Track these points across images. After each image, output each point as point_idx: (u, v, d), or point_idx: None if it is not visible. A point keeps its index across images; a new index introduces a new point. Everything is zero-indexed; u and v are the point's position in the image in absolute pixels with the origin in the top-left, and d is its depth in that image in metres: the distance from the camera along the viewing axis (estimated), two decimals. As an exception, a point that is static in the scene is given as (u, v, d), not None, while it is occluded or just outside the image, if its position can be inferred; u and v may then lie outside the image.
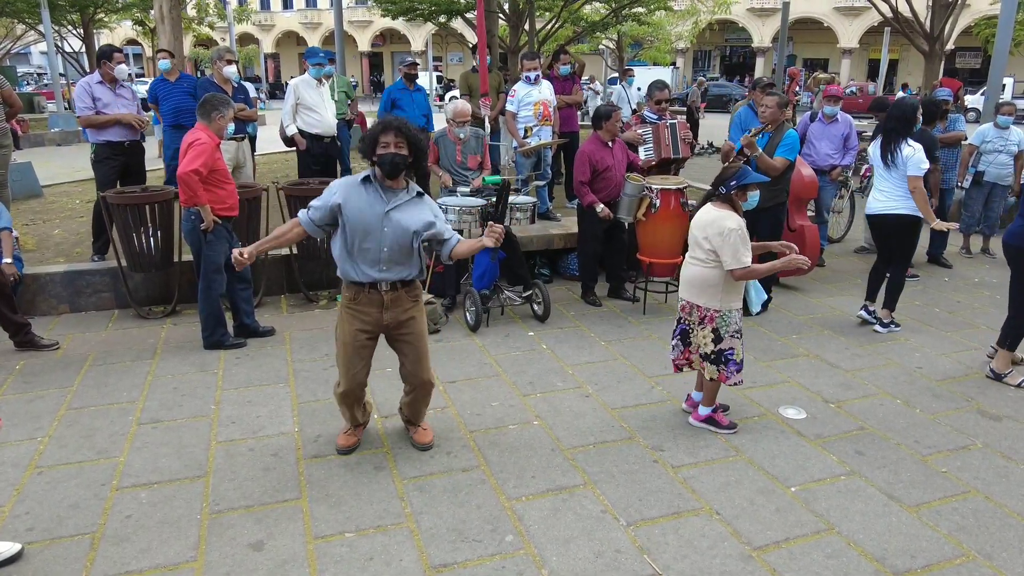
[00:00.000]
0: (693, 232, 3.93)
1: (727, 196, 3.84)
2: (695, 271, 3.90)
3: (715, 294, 3.84)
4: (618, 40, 25.70)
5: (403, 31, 47.41)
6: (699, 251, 3.86)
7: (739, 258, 3.71)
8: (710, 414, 4.07)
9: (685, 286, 3.98)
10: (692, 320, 3.96)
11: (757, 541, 3.14)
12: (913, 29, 15.68)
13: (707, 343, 3.90)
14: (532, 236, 6.74)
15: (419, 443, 3.82)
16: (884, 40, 24.08)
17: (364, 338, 3.58)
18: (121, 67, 6.21)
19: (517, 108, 7.16)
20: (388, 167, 3.33)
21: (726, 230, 3.72)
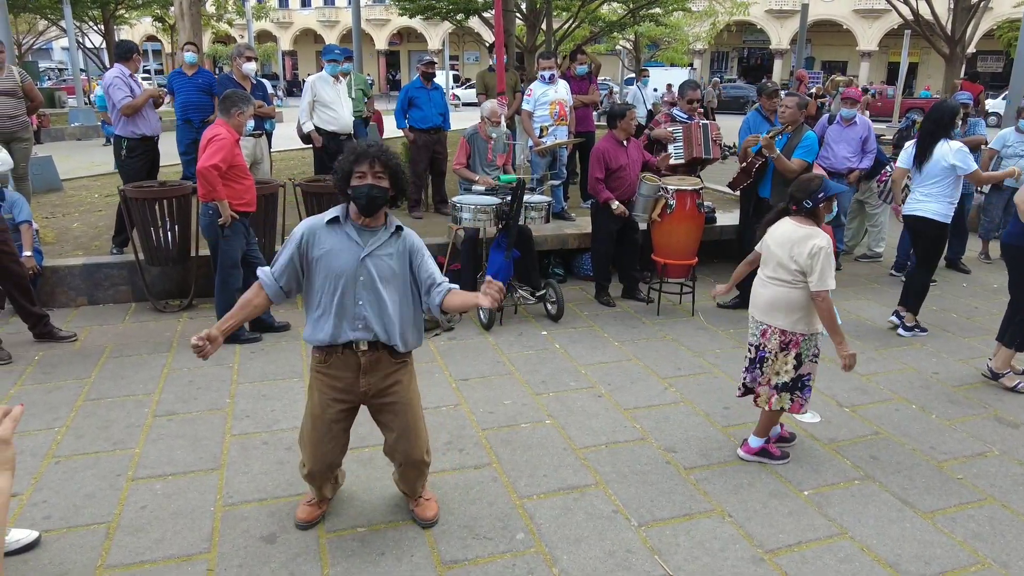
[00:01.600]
0: (774, 250, 3.60)
1: (812, 210, 3.54)
2: (779, 292, 3.56)
3: (803, 317, 3.54)
4: (635, 41, 25.63)
5: (420, 30, 47.53)
6: (783, 271, 3.53)
7: (826, 280, 3.43)
8: (763, 445, 3.78)
9: (766, 309, 3.61)
10: (771, 346, 3.63)
11: (769, 544, 3.13)
12: (934, 32, 15.57)
13: (787, 371, 3.61)
14: (546, 236, 6.74)
15: (421, 518, 3.21)
16: (904, 43, 23.86)
17: (337, 410, 2.98)
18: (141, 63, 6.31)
19: (533, 107, 7.16)
20: (365, 201, 2.76)
21: (816, 248, 3.43)
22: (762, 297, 3.66)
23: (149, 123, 6.34)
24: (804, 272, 3.47)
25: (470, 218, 5.47)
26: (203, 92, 7.00)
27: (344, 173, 2.79)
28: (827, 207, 3.59)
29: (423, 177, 7.87)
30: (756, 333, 3.71)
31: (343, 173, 2.79)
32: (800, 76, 12.78)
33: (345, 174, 2.78)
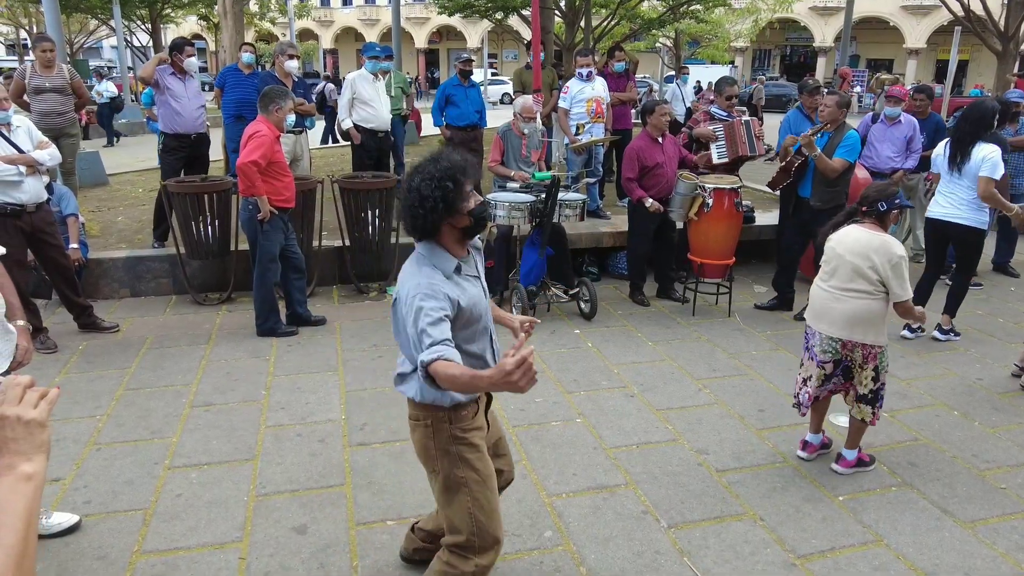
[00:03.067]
0: (848, 259, 3.41)
1: (884, 215, 3.43)
2: (859, 306, 3.39)
3: (881, 328, 3.44)
4: (675, 38, 25.35)
5: (459, 28, 47.66)
6: (863, 282, 3.38)
7: (907, 288, 3.32)
8: (859, 456, 3.67)
9: (846, 324, 3.43)
10: (855, 358, 3.52)
11: (801, 549, 3.07)
12: (986, 28, 15.12)
13: (867, 383, 3.50)
14: (581, 234, 6.71)
15: None
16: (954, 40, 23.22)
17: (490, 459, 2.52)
18: (191, 60, 6.40)
19: (570, 105, 7.13)
20: (482, 224, 2.36)
21: (896, 257, 3.32)
22: (839, 312, 3.45)
23: (187, 120, 6.44)
24: (884, 281, 3.35)
25: (504, 215, 5.47)
26: (257, 92, 7.12)
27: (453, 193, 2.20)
28: (897, 216, 3.49)
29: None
30: (835, 348, 3.52)
31: (450, 196, 2.20)
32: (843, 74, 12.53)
33: (453, 194, 2.21)
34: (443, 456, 2.38)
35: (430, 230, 2.27)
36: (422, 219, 2.23)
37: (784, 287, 5.96)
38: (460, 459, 2.38)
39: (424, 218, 2.23)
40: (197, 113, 6.50)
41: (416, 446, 2.48)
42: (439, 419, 2.38)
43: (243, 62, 7.20)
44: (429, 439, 2.40)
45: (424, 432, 2.41)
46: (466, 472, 2.38)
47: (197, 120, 6.51)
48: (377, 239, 6.04)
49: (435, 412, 2.37)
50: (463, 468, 2.38)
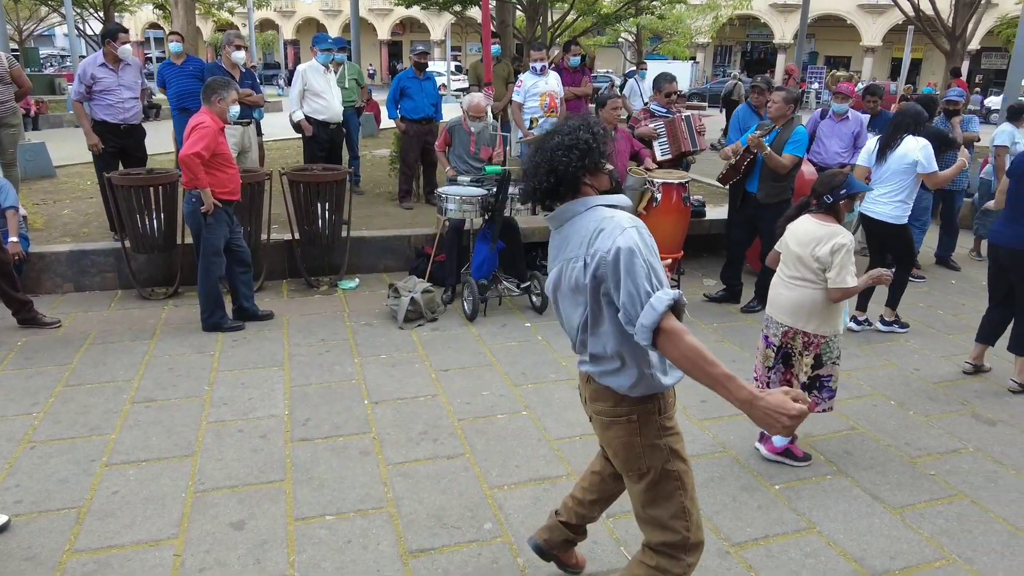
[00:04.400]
0: (794, 249, 3.52)
1: (833, 206, 3.49)
2: (803, 294, 3.49)
3: (826, 318, 3.50)
4: (637, 33, 25.52)
5: (423, 20, 47.37)
6: (805, 270, 3.47)
7: (845, 277, 3.37)
8: (788, 445, 3.71)
9: (788, 311, 3.54)
10: (796, 345, 3.60)
11: (736, 537, 3.13)
12: (935, 28, 15.50)
13: (805, 371, 3.58)
14: (535, 227, 6.72)
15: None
16: (907, 39, 23.78)
17: None
18: (125, 48, 6.18)
19: (523, 98, 7.15)
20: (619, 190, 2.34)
21: (837, 244, 3.39)
22: (785, 299, 3.57)
23: (117, 110, 6.19)
24: (826, 270, 3.42)
25: (455, 209, 5.46)
26: (196, 79, 6.97)
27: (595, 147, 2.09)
28: (848, 205, 3.53)
29: (414, 167, 7.87)
30: (778, 334, 3.63)
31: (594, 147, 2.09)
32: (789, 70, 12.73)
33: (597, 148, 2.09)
34: (651, 452, 2.17)
35: (572, 190, 2.09)
36: (561, 174, 2.05)
37: (732, 280, 6.05)
38: (671, 451, 2.19)
39: (564, 172, 2.05)
40: (131, 104, 6.27)
41: (614, 445, 2.22)
42: (648, 411, 2.16)
43: (171, 52, 7.05)
44: (635, 435, 2.16)
45: (628, 428, 2.17)
46: (677, 464, 2.19)
47: (130, 111, 6.27)
48: (328, 232, 5.99)
49: (644, 404, 2.15)
50: (674, 460, 2.19)
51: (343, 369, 4.62)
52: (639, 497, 2.25)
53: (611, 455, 2.28)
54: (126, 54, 6.19)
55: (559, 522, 2.72)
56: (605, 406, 2.20)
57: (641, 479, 2.21)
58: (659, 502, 2.20)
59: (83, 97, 6.12)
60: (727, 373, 1.88)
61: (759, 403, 1.84)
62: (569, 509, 2.70)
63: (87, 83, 6.07)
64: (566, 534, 2.72)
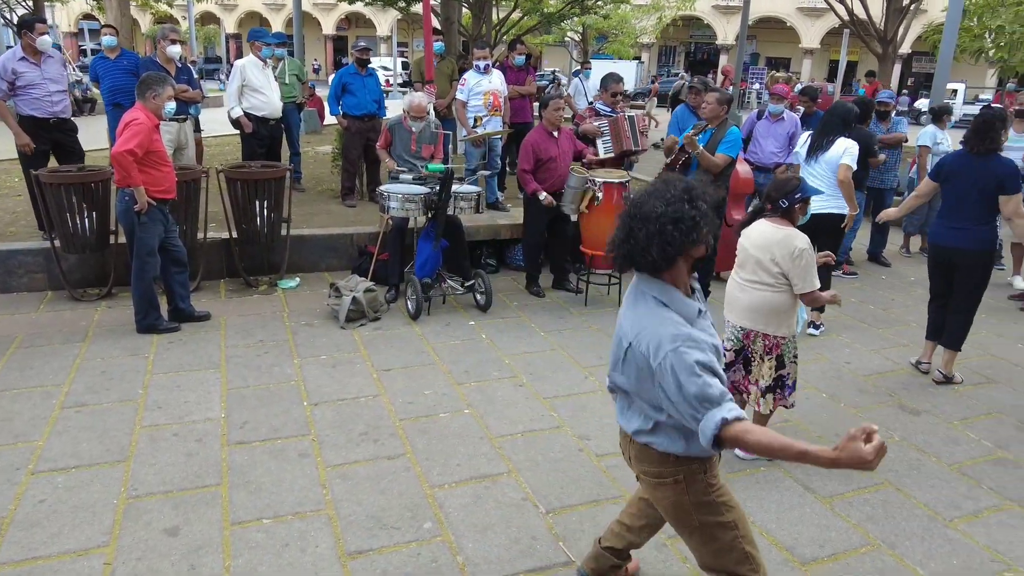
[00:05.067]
0: (752, 253, 3.54)
1: (788, 210, 3.51)
2: (762, 297, 3.51)
3: (784, 319, 3.53)
4: (583, 33, 25.72)
5: (369, 15, 46.82)
6: (764, 274, 3.49)
7: (810, 280, 3.41)
8: None
9: (748, 314, 3.57)
10: (756, 348, 3.63)
11: (671, 530, 3.17)
12: (868, 32, 16.00)
13: (768, 373, 3.61)
14: (479, 226, 6.74)
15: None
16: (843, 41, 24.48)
17: None
18: (44, 39, 5.89)
19: (467, 97, 7.14)
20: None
21: (797, 250, 3.41)
22: (742, 302, 3.60)
23: (43, 104, 5.94)
24: (786, 275, 3.45)
25: (398, 207, 5.43)
26: (130, 74, 6.76)
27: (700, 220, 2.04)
28: (803, 208, 3.56)
29: (357, 164, 7.79)
30: (736, 337, 3.67)
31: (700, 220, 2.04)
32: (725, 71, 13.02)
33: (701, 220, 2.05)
34: (700, 509, 2.21)
35: (666, 262, 2.04)
36: (660, 249, 2.00)
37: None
38: (718, 504, 2.23)
39: (664, 248, 2.00)
40: (58, 97, 6.03)
41: (663, 504, 2.28)
42: (693, 471, 2.19)
43: (104, 46, 6.84)
44: (682, 495, 2.20)
45: (675, 489, 2.20)
46: (728, 515, 2.24)
47: (58, 104, 6.03)
48: (267, 231, 5.89)
49: (689, 464, 2.18)
50: (725, 512, 2.24)
51: (282, 370, 4.56)
52: (702, 551, 2.29)
53: (662, 512, 2.34)
54: (45, 45, 5.90)
55: (603, 549, 2.72)
56: (651, 467, 2.24)
57: (694, 534, 2.26)
58: (722, 553, 2.25)
59: (5, 95, 5.87)
60: (801, 450, 1.87)
61: (843, 458, 1.84)
62: (616, 535, 2.71)
63: (8, 79, 5.82)
64: (612, 560, 2.73)
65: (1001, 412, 4.52)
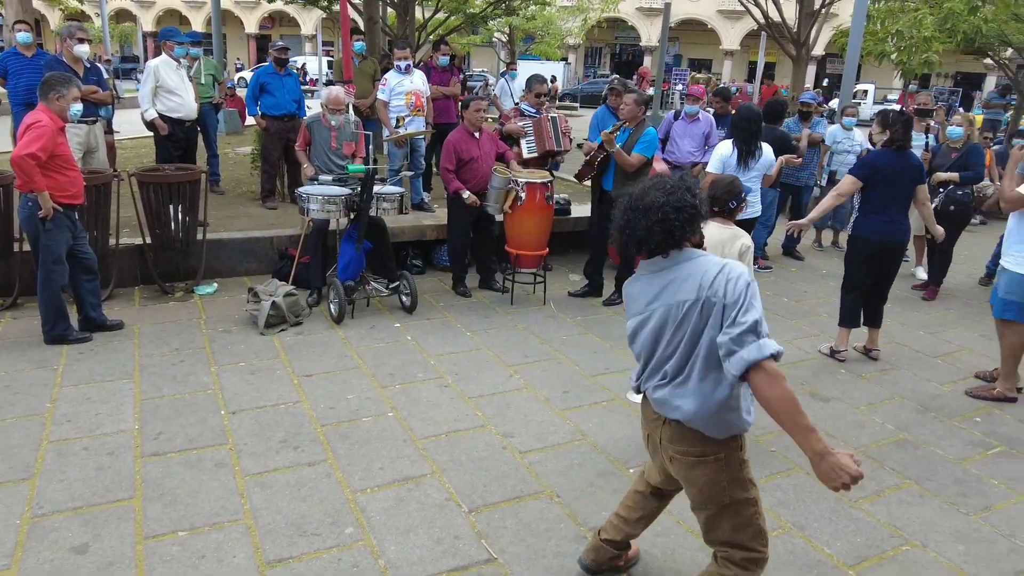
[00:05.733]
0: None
1: (734, 210, 3.65)
2: None
3: None
4: (510, 33, 25.85)
5: (293, 14, 45.87)
6: None
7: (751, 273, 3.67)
8: None
9: None
10: None
11: (592, 522, 3.26)
12: (783, 35, 16.59)
13: None
14: (404, 227, 6.71)
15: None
16: (761, 43, 25.34)
17: None
18: None
19: (389, 97, 7.10)
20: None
21: (744, 246, 3.62)
22: None
23: None
24: None
25: (318, 208, 5.36)
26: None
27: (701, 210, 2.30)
28: (740, 208, 3.75)
29: (277, 165, 7.64)
30: None
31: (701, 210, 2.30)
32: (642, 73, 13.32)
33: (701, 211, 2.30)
34: (733, 485, 2.33)
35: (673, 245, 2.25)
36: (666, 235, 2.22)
37: (594, 275, 6.28)
38: (746, 481, 2.37)
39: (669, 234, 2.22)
40: None
41: (699, 483, 2.35)
42: (733, 449, 2.31)
43: (19, 43, 6.54)
44: (721, 472, 2.31)
45: (715, 467, 2.31)
46: (752, 491, 2.38)
47: None
48: (182, 236, 5.72)
49: (729, 443, 2.30)
50: (751, 488, 2.37)
51: (198, 379, 4.44)
52: (723, 527, 2.39)
53: (694, 493, 2.40)
54: None
55: (603, 541, 2.83)
56: (691, 448, 2.33)
57: (722, 510, 2.36)
58: (742, 528, 2.37)
59: None
60: (811, 426, 2.07)
61: (829, 458, 2.03)
62: (615, 527, 2.82)
63: None
64: (612, 552, 2.84)
65: (903, 396, 4.78)
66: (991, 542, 3.29)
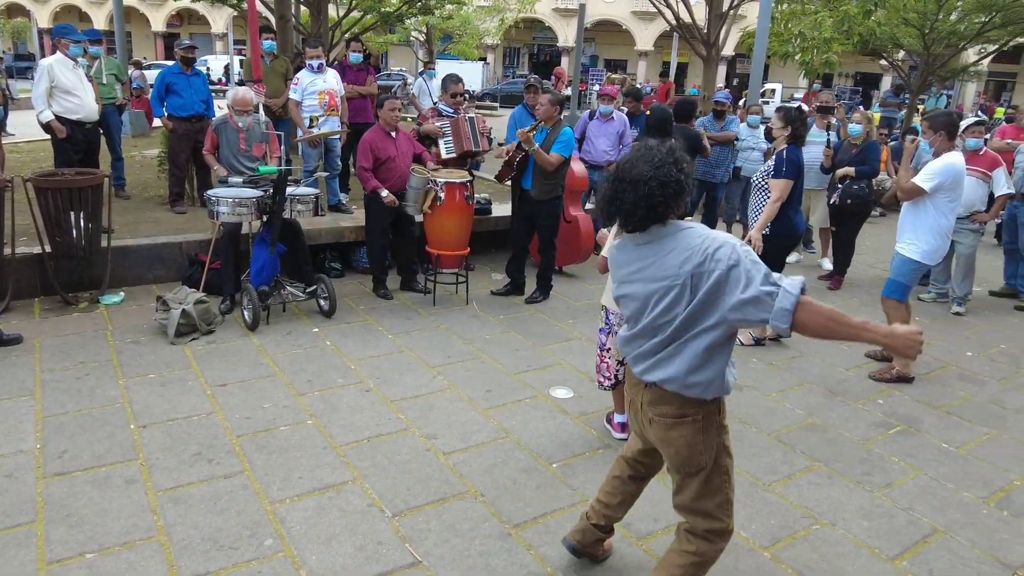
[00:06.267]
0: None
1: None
2: None
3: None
4: (427, 33, 25.69)
5: (202, 12, 44.30)
6: None
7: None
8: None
9: None
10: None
11: (516, 519, 3.28)
12: (693, 36, 17.09)
13: None
14: (321, 228, 6.58)
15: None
16: (673, 44, 26.03)
17: None
18: None
19: (301, 96, 6.95)
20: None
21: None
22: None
23: None
24: None
25: (228, 212, 5.19)
26: None
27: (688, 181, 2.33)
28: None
29: (185, 168, 7.36)
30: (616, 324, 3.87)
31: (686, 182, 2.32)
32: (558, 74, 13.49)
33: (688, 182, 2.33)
34: (710, 449, 2.38)
35: (658, 219, 2.28)
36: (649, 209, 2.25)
37: (515, 273, 6.31)
38: (723, 448, 2.42)
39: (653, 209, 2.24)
40: None
41: (677, 443, 2.39)
42: (711, 412, 2.37)
43: None
44: (698, 434, 2.36)
45: (693, 428, 2.35)
46: (726, 460, 2.43)
47: None
48: (84, 243, 5.44)
49: (708, 405, 2.35)
50: (724, 456, 2.42)
51: (105, 393, 4.23)
52: (692, 491, 2.44)
53: (671, 454, 2.44)
54: None
55: (591, 525, 2.90)
56: (671, 408, 2.38)
57: (697, 474, 2.41)
58: (710, 494, 2.43)
59: None
60: (863, 322, 2.12)
61: (898, 332, 2.10)
62: (597, 512, 2.89)
63: None
64: (597, 535, 2.92)
65: (812, 382, 4.99)
66: (892, 516, 3.48)
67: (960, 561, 3.19)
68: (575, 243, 6.91)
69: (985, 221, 6.56)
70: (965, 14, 15.75)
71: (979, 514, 3.55)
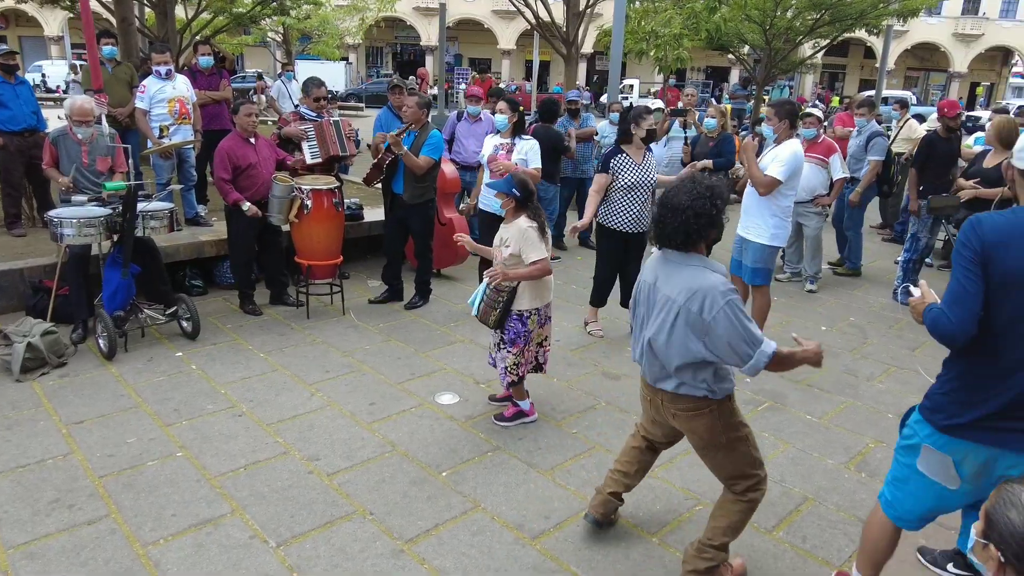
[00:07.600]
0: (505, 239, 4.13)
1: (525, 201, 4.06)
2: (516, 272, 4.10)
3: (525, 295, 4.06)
4: (284, 33, 24.82)
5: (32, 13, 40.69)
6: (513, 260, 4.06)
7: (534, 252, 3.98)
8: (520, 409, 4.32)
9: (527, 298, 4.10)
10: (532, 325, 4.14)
11: (408, 533, 3.22)
12: (553, 34, 17.45)
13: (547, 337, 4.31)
14: (179, 244, 6.18)
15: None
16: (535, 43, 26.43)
17: None
18: None
19: (149, 105, 6.51)
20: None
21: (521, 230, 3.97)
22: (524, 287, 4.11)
23: None
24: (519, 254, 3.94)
25: (74, 233, 4.77)
26: None
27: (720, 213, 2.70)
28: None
29: (21, 187, 6.72)
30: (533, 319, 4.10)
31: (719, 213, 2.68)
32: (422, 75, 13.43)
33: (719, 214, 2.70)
34: (728, 428, 2.80)
35: (691, 245, 2.67)
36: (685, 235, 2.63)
37: (392, 280, 6.20)
38: (738, 423, 2.84)
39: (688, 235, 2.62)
40: None
41: (699, 431, 2.80)
42: (723, 402, 2.78)
43: None
44: (717, 420, 2.77)
45: (711, 417, 2.76)
46: (744, 429, 2.85)
47: None
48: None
49: (721, 399, 2.76)
50: (742, 428, 2.85)
51: (-63, 443, 3.80)
52: (725, 463, 2.86)
53: (696, 439, 2.87)
54: None
55: (609, 495, 3.22)
56: (689, 404, 2.78)
57: (721, 449, 2.83)
58: (739, 459, 2.85)
59: None
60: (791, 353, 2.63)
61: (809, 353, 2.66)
62: (617, 482, 3.22)
63: None
64: (616, 503, 3.26)
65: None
66: (767, 490, 3.67)
67: (828, 524, 3.42)
68: (451, 245, 6.84)
69: (827, 204, 7.08)
70: (799, 11, 16.98)
71: (841, 478, 3.82)
